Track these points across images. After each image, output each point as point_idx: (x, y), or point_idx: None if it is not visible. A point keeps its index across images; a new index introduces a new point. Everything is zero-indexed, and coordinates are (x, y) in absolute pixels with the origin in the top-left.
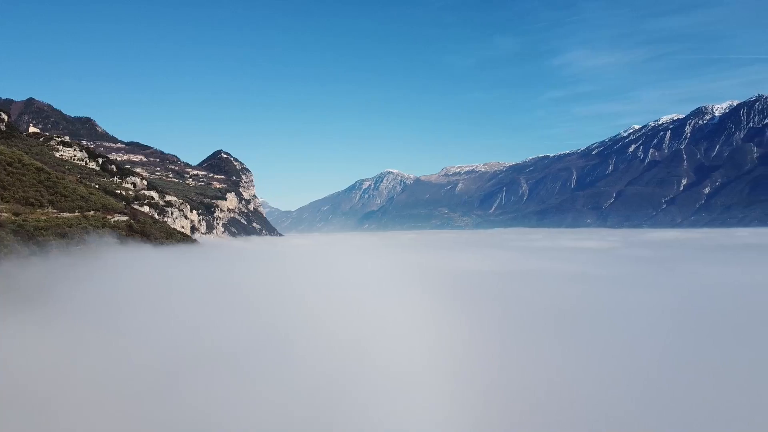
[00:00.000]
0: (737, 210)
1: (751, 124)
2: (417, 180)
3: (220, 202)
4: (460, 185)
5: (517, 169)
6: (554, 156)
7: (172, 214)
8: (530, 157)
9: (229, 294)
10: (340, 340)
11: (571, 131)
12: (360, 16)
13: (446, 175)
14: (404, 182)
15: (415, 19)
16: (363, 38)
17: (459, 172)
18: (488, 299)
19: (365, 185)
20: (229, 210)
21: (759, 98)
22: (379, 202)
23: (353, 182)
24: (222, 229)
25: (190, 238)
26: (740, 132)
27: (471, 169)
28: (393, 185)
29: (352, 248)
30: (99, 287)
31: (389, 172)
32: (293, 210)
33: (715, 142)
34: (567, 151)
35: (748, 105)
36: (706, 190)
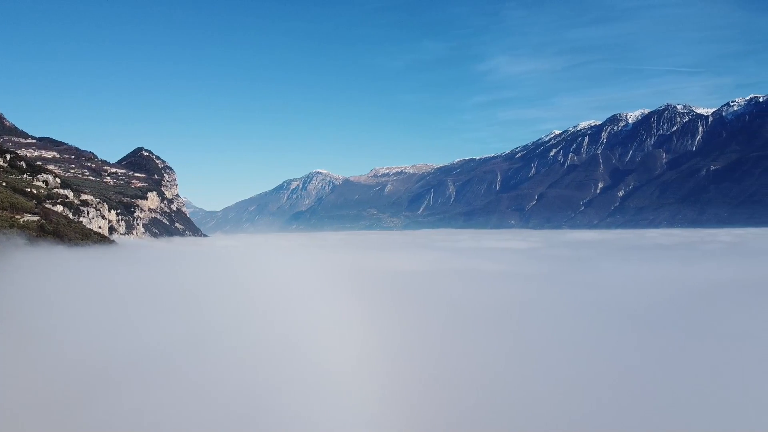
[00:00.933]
0: (648, 212)
1: (661, 132)
2: (346, 181)
3: (140, 202)
4: (389, 186)
5: (445, 171)
6: (480, 159)
7: (88, 213)
8: (457, 160)
9: (148, 297)
10: (268, 342)
11: (496, 135)
12: (289, 15)
13: (375, 176)
14: (333, 183)
15: (346, 20)
16: (289, 36)
17: (388, 174)
18: (416, 298)
19: (293, 185)
20: (150, 210)
21: (668, 107)
22: (307, 202)
23: (281, 182)
24: (143, 230)
25: (108, 239)
26: (651, 139)
27: (400, 170)
28: (322, 186)
29: (281, 249)
30: (5, 291)
31: (318, 173)
32: (218, 210)
33: (629, 148)
34: (492, 155)
35: (658, 113)
36: (621, 193)
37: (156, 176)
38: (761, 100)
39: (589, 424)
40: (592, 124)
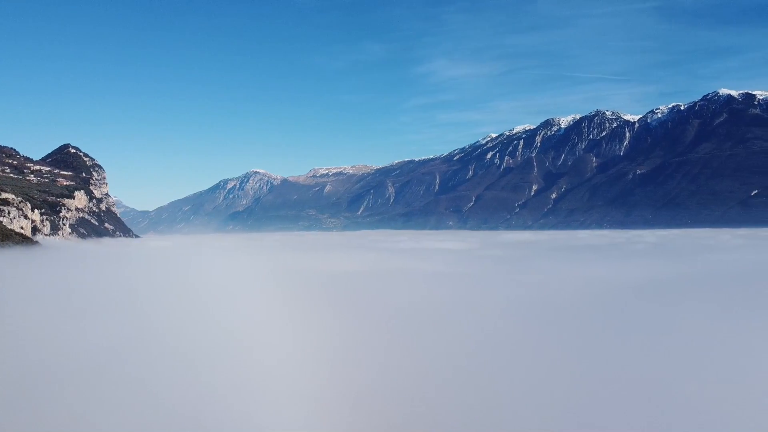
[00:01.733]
0: (579, 214)
1: (591, 137)
2: (284, 181)
3: (67, 201)
4: (328, 187)
5: (384, 172)
6: (419, 160)
7: (9, 213)
8: (396, 161)
9: (72, 300)
10: (203, 345)
11: (434, 137)
12: (226, 13)
13: (314, 176)
14: (271, 183)
15: (285, 19)
16: (226, 34)
17: (327, 174)
18: (354, 298)
19: (230, 185)
20: (77, 209)
21: (597, 113)
22: (244, 202)
23: (217, 182)
24: (69, 230)
25: (31, 240)
26: (582, 143)
27: (339, 171)
28: (260, 185)
29: (217, 250)
30: None
31: (255, 172)
32: (151, 210)
33: (561, 152)
34: (431, 156)
35: (589, 119)
36: (554, 196)
37: (84, 174)
38: (682, 108)
39: (521, 422)
40: (527, 128)
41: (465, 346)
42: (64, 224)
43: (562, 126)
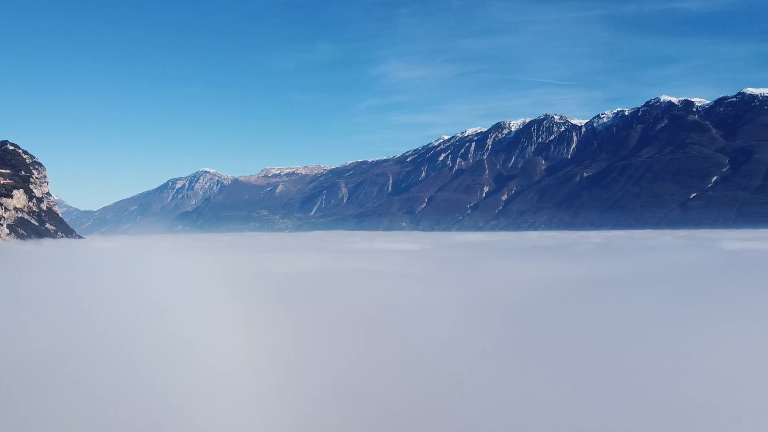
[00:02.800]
0: (528, 215)
1: (540, 140)
2: (235, 180)
3: (4, 200)
4: (280, 187)
5: (337, 173)
6: (372, 161)
7: None
8: (350, 162)
9: (11, 304)
10: (151, 348)
11: (387, 138)
12: (174, 8)
13: (266, 176)
14: (221, 182)
15: (236, 16)
16: (172, 30)
17: (279, 174)
18: (307, 299)
19: (179, 185)
20: (16, 209)
21: (546, 117)
22: (194, 202)
23: (165, 181)
24: (7, 231)
25: None
26: (531, 146)
27: (291, 171)
28: (209, 185)
29: (165, 251)
30: None
31: (205, 172)
32: (96, 210)
33: (512, 155)
34: (384, 157)
35: (538, 123)
36: (504, 198)
37: (23, 173)
38: (626, 113)
39: (474, 420)
40: (479, 131)
41: (422, 344)
42: (1, 225)
43: (513, 129)
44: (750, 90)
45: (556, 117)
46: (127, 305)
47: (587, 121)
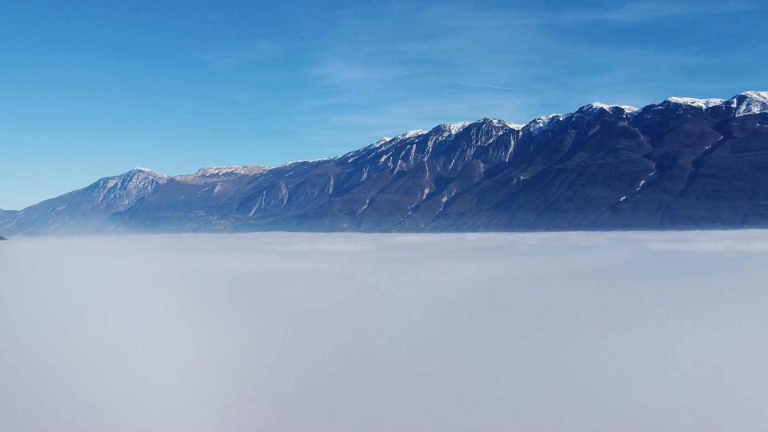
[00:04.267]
0: (468, 217)
1: (479, 143)
2: (171, 180)
3: None
4: (218, 187)
5: (277, 173)
6: (313, 162)
7: None
8: (290, 162)
9: None
10: (83, 356)
11: (329, 139)
12: (108, 1)
13: (204, 176)
14: (156, 182)
15: (173, 11)
16: (107, 25)
17: (217, 174)
18: (245, 300)
19: (111, 184)
20: None
21: (485, 121)
22: (127, 202)
23: (96, 180)
24: None
25: None
26: (471, 149)
27: (230, 171)
28: (144, 185)
29: (97, 252)
30: None
31: (139, 171)
32: (20, 210)
33: (452, 157)
34: (326, 158)
35: (477, 126)
36: (444, 200)
37: None
38: (561, 119)
39: (416, 419)
40: (420, 134)
41: (366, 343)
42: None
43: (453, 132)
44: (675, 99)
45: (494, 121)
46: (51, 310)
47: (524, 125)
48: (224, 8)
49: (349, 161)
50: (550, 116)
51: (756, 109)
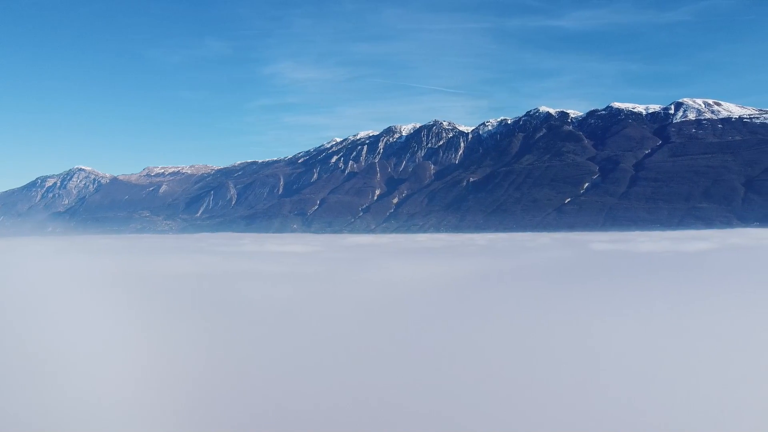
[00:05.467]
0: (418, 218)
1: (430, 145)
2: (114, 179)
3: None
4: (164, 187)
5: (226, 173)
6: (263, 162)
7: None
8: (239, 162)
9: None
10: (21, 366)
11: (279, 139)
12: None
13: (149, 175)
14: (99, 181)
15: (114, 5)
16: (47, 18)
17: (163, 173)
18: (193, 301)
19: (49, 183)
20: None
21: (435, 123)
22: (67, 202)
23: (34, 179)
24: None
25: None
26: (421, 151)
27: (176, 170)
28: (85, 184)
29: (34, 254)
30: None
31: (80, 170)
32: None
33: (403, 159)
34: (275, 158)
35: (428, 128)
36: (395, 201)
37: None
38: (509, 122)
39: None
40: (371, 134)
41: (316, 343)
42: None
43: (404, 134)
44: (617, 104)
45: (444, 123)
46: None
47: (474, 128)
48: (170, 4)
49: (300, 161)
50: (499, 119)
51: (692, 116)
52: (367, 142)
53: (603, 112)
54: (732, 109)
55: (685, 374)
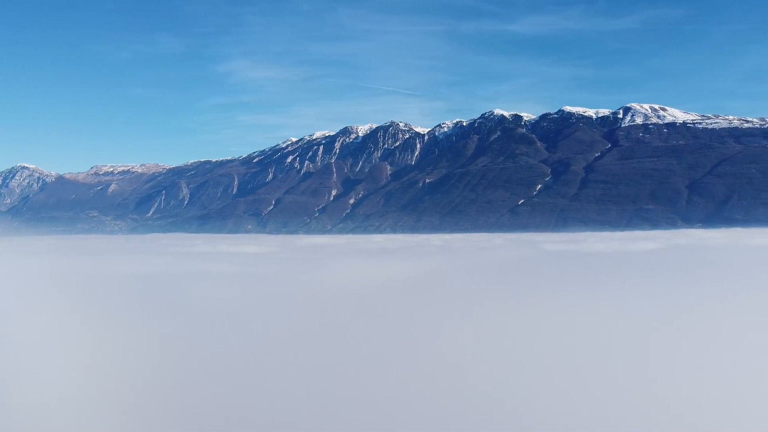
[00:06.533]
0: (375, 219)
1: (386, 146)
2: (60, 178)
3: None
4: (113, 186)
5: (178, 172)
6: (216, 161)
7: None
8: (191, 161)
9: None
10: None
11: (234, 138)
12: None
13: (97, 174)
14: (43, 180)
15: None
16: None
17: (112, 172)
18: (143, 302)
19: None
20: None
21: (392, 124)
22: (9, 201)
23: None
24: None
25: None
26: (378, 152)
27: (126, 169)
28: (29, 183)
29: None
30: None
31: (23, 168)
32: None
33: (359, 159)
34: (230, 157)
35: (384, 129)
36: (351, 201)
37: None
38: (464, 124)
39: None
40: (327, 135)
41: (268, 343)
42: None
43: (360, 134)
44: (568, 108)
45: (401, 124)
46: None
47: (430, 129)
48: None
49: (255, 161)
50: (455, 121)
51: (639, 120)
52: (324, 142)
53: (555, 115)
54: (677, 115)
55: (619, 367)
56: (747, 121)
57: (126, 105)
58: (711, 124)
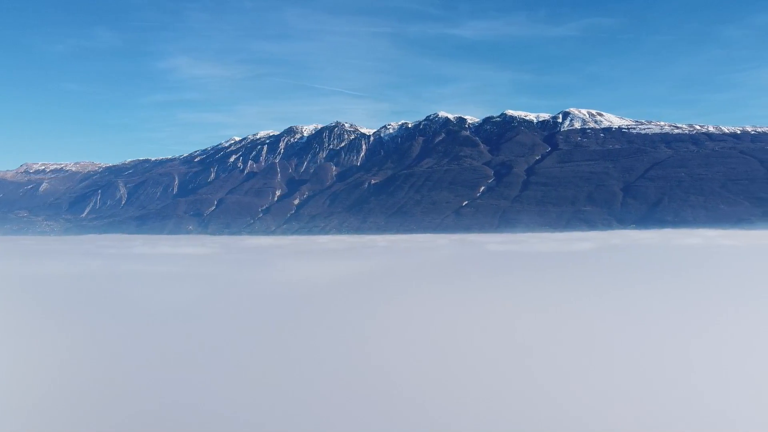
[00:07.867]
0: (320, 220)
1: (331, 146)
2: None
3: None
4: (44, 185)
5: (115, 171)
6: (156, 160)
7: None
8: (129, 160)
9: None
10: None
11: (174, 136)
12: None
13: (27, 172)
14: None
15: None
16: None
17: (44, 171)
18: (78, 305)
19: None
20: None
21: (337, 124)
22: None
23: None
24: None
25: None
26: (323, 152)
27: (59, 167)
28: None
29: None
30: None
31: None
32: None
33: (304, 159)
34: (170, 156)
35: (329, 129)
36: (296, 202)
37: None
38: (410, 126)
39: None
40: (271, 134)
41: (208, 343)
42: None
43: (305, 134)
44: (511, 112)
45: (346, 125)
46: None
47: (375, 130)
48: None
49: (196, 160)
50: (400, 123)
51: (577, 125)
52: (268, 141)
53: (498, 119)
54: (612, 120)
55: (558, 359)
56: (677, 127)
57: (59, 101)
58: (644, 129)
